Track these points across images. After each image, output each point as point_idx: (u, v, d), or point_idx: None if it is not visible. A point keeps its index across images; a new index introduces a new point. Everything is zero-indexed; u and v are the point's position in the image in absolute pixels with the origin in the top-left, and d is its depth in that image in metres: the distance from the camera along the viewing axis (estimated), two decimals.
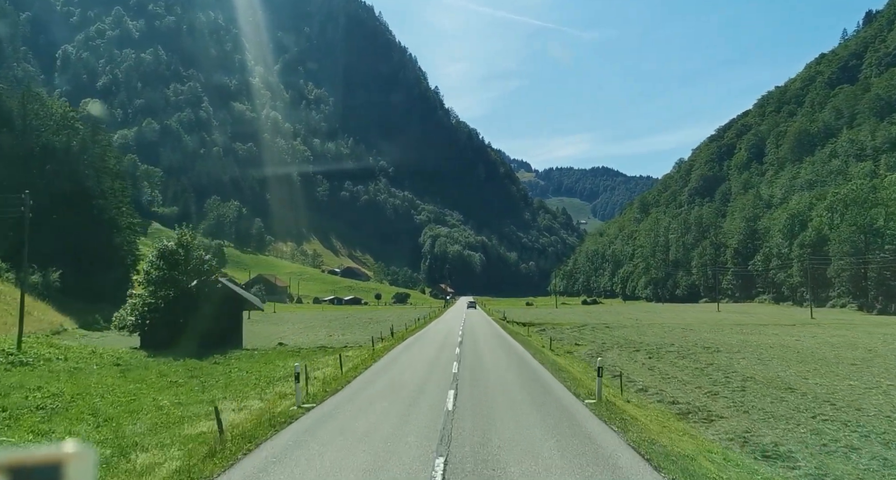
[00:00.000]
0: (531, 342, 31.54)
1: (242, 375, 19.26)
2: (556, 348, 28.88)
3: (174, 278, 25.01)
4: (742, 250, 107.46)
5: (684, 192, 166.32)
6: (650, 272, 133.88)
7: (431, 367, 19.70)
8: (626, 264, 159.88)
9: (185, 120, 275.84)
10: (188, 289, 25.19)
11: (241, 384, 17.52)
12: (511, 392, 14.63)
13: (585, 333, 43.81)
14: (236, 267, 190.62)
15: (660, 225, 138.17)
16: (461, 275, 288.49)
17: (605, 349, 30.06)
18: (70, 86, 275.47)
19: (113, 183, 65.57)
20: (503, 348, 26.76)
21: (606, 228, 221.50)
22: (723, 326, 50.47)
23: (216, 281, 27.74)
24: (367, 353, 24.91)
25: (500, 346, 27.48)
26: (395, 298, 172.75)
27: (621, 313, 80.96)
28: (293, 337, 42.08)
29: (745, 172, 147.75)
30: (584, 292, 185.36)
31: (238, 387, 16.70)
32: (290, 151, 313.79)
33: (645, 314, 74.76)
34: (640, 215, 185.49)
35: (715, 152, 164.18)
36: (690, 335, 40.35)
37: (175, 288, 24.82)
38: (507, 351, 25.31)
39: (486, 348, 26.43)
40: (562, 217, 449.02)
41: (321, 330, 51.16)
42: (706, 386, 18.03)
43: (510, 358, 22.70)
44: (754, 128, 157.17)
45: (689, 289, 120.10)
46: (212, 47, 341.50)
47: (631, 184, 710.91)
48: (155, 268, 25.12)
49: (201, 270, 26.51)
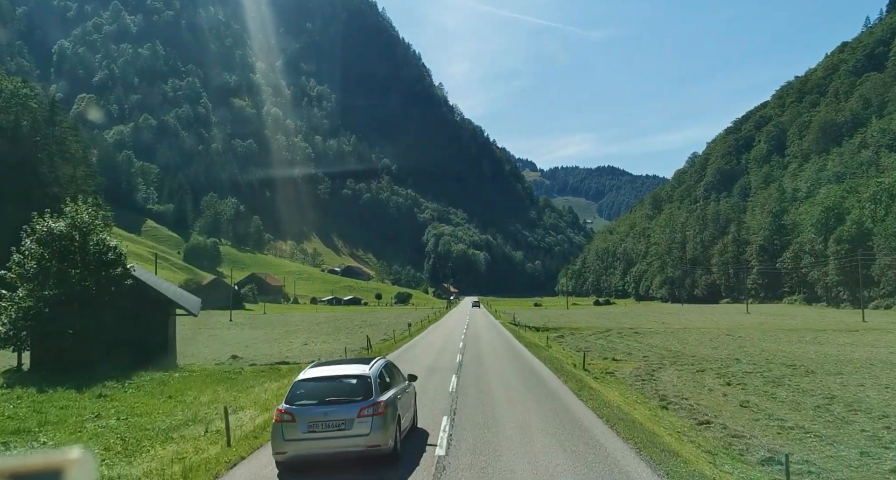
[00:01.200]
0: (554, 356, 24.17)
1: (111, 424, 11.98)
2: (590, 365, 21.45)
3: (63, 273, 17.87)
4: (768, 247, 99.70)
5: (699, 187, 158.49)
6: (666, 271, 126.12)
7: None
8: (639, 262, 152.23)
9: (183, 117, 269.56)
10: (83, 288, 18.04)
11: (93, 444, 10.20)
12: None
13: (614, 341, 36.33)
14: (233, 266, 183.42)
15: (676, 221, 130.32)
16: (465, 274, 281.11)
17: (654, 366, 22.60)
18: (66, 82, 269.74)
19: (75, 170, 58.46)
20: (521, 372, 19.06)
21: (616, 225, 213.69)
22: (772, 331, 42.89)
23: (123, 276, 20.48)
24: None
25: (518, 369, 19.67)
26: (397, 298, 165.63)
27: (641, 314, 73.41)
28: (259, 347, 34.74)
29: (765, 165, 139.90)
30: (594, 293, 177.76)
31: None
32: (290, 149, 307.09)
33: (669, 317, 67.20)
34: (653, 211, 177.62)
35: (732, 145, 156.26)
36: (745, 344, 32.82)
37: (64, 287, 17.67)
38: (529, 379, 17.54)
39: (496, 373, 18.96)
40: (568, 216, 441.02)
41: (300, 337, 43.83)
42: (878, 452, 10.58)
43: (535, 394, 15.00)
44: (774, 119, 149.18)
45: (708, 289, 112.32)
46: (211, 43, 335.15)
47: (637, 183, 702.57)
48: (34, 259, 17.97)
49: (104, 261, 19.36)
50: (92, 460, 0.97)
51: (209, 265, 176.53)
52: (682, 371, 20.81)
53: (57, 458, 0.94)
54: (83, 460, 0.95)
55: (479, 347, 29.59)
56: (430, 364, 21.01)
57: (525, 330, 44.61)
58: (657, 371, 21.04)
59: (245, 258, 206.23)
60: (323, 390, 9.17)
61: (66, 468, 0.93)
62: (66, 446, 1.39)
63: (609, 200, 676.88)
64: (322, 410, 8.68)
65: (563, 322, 55.72)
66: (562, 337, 39.65)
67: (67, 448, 0.96)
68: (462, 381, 17.09)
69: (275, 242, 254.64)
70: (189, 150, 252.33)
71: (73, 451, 0.96)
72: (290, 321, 66.16)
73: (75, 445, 1.17)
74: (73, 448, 0.97)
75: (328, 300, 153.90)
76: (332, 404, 8.81)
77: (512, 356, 23.86)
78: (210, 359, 27.94)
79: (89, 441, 10.65)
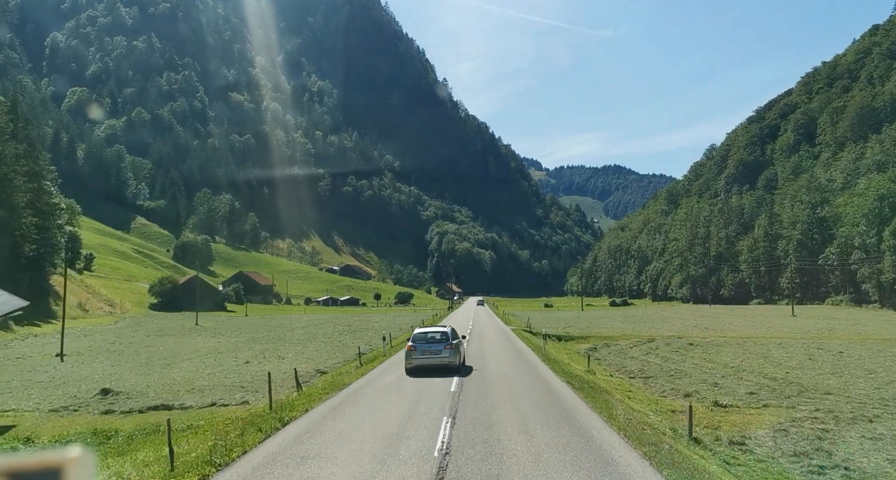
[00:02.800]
0: (599, 385, 14.54)
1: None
2: (700, 421, 11.66)
3: None
4: (807, 242, 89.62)
5: (720, 179, 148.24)
6: (688, 269, 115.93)
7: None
8: (655, 260, 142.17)
9: (179, 111, 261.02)
10: None
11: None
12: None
13: (672, 359, 26.52)
14: (226, 265, 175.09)
15: (698, 216, 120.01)
16: (470, 274, 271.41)
17: (805, 422, 12.76)
18: (58, 75, 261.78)
19: (3, 147, 49.04)
20: (569, 451, 9.28)
21: (629, 222, 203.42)
22: (867, 343, 32.98)
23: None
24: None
25: (563, 447, 9.54)
26: (398, 298, 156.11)
27: (672, 317, 63.53)
28: (174, 369, 25.02)
29: (793, 155, 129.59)
30: (606, 292, 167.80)
31: None
32: (290, 145, 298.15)
33: (706, 320, 57.37)
34: (669, 206, 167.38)
35: (755, 135, 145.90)
36: (877, 368, 22.92)
37: None
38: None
39: (518, 445, 9.59)
40: (575, 214, 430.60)
41: (255, 348, 34.30)
42: None
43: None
44: (802, 107, 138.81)
45: (736, 288, 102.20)
46: (209, 37, 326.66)
47: (644, 182, 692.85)
48: None
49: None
50: (92, 459, 0.96)
51: (200, 264, 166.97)
52: (881, 442, 11.02)
53: (56, 457, 0.93)
54: (83, 459, 0.94)
55: (485, 369, 19.81)
56: (408, 407, 11.78)
57: (539, 337, 34.91)
58: (793, 426, 11.36)
59: (239, 257, 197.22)
60: (427, 336, 19.93)
61: (65, 467, 0.93)
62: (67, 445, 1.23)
63: (615, 199, 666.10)
64: (428, 345, 19.41)
65: (587, 328, 45.93)
66: (594, 351, 29.91)
67: (67, 446, 0.95)
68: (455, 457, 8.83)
69: (273, 240, 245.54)
70: (184, 145, 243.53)
71: (72, 450, 0.96)
72: (265, 325, 56.71)
73: (75, 444, 1.80)
74: (73, 446, 0.96)
75: (323, 300, 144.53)
76: (432, 343, 19.52)
77: (552, 411, 12.65)
78: (66, 396, 18.36)
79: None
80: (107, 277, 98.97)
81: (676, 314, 73.52)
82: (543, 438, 10.15)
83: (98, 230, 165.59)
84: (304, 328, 51.21)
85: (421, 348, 19.04)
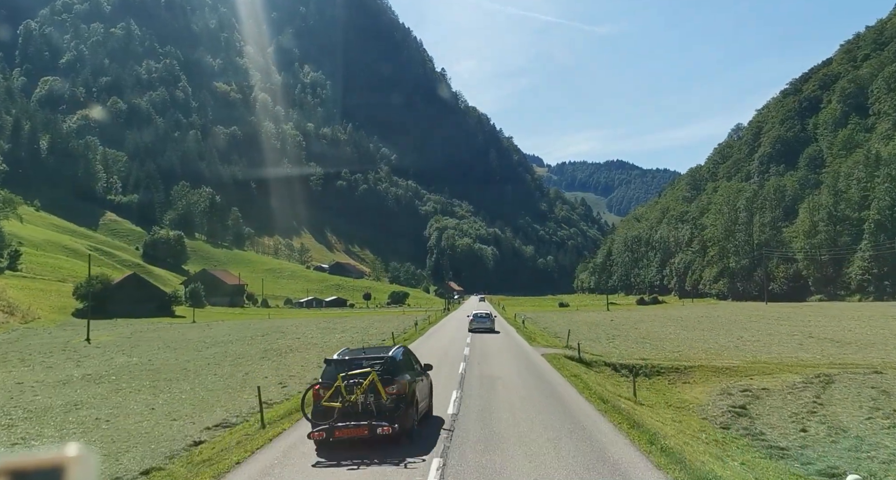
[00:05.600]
0: None
1: None
2: None
3: None
4: (886, 224, 72.60)
5: (753, 160, 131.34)
6: (727, 260, 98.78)
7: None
8: (682, 252, 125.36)
9: (158, 100, 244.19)
10: None
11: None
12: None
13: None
14: (203, 263, 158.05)
15: (737, 199, 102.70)
16: (471, 271, 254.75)
17: None
18: (31, 64, 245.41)
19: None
20: None
21: (645, 211, 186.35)
22: None
23: None
24: None
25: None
26: (391, 298, 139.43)
27: (745, 321, 46.75)
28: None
29: (841, 128, 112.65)
30: (623, 289, 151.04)
31: None
32: (280, 137, 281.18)
33: (808, 323, 40.73)
34: (692, 193, 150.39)
35: (793, 109, 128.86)
36: None
37: None
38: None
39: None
40: (581, 208, 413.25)
41: (81, 393, 17.30)
42: None
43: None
44: (848, 75, 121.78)
45: (790, 282, 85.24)
46: (194, 24, 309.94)
47: (648, 177, 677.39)
48: None
49: None
50: (92, 457, 0.95)
51: (173, 263, 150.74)
52: None
53: (57, 455, 0.92)
54: (84, 457, 0.93)
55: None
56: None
57: (604, 371, 18.07)
58: None
59: (219, 255, 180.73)
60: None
61: (66, 465, 0.91)
62: (67, 443, 1.07)
63: (619, 194, 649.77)
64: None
65: (654, 343, 29.18)
66: (744, 411, 12.98)
67: (67, 445, 0.93)
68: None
69: (260, 237, 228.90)
70: (163, 136, 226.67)
71: (73, 448, 0.94)
72: (184, 340, 40.07)
73: (75, 442, 1.14)
74: (73, 444, 0.95)
75: (307, 301, 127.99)
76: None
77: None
78: None
79: None
80: (35, 277, 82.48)
81: (743, 314, 56.69)
82: None
83: (55, 226, 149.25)
84: (224, 344, 34.59)
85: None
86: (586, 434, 10.34)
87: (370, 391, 9.48)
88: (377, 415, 9.35)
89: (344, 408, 9.40)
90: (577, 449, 9.33)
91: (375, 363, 9.95)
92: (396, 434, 9.28)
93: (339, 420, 9.33)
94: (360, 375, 9.64)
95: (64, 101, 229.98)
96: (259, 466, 9.12)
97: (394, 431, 9.19)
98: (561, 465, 8.45)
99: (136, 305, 71.41)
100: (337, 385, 9.51)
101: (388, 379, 9.68)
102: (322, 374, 10.59)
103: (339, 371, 9.79)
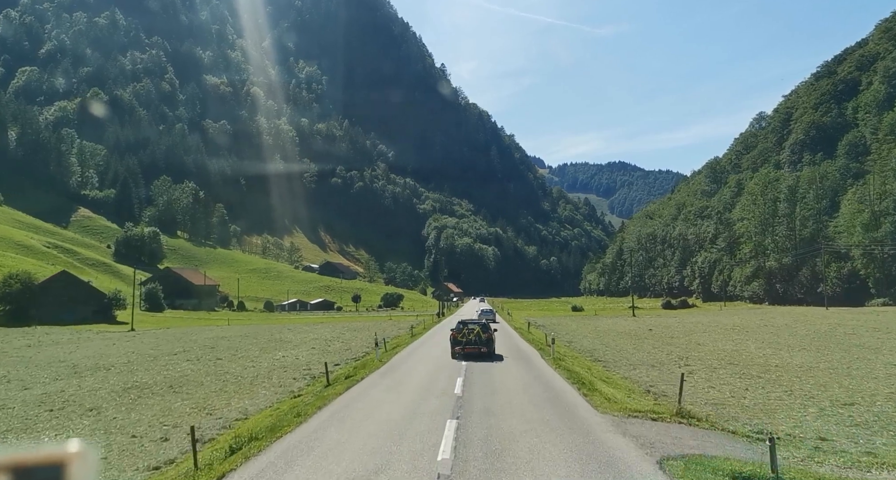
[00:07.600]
0: None
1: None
2: None
3: None
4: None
5: (783, 148, 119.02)
6: (767, 257, 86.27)
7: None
8: (704, 250, 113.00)
9: (143, 93, 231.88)
10: None
11: None
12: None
13: None
14: (183, 263, 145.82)
15: (776, 188, 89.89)
16: (472, 271, 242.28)
17: None
18: (9, 54, 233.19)
19: None
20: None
21: (658, 208, 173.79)
22: None
23: None
24: None
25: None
26: (384, 300, 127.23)
27: (839, 335, 34.50)
28: None
29: (886, 112, 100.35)
30: (637, 290, 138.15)
31: None
32: (272, 132, 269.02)
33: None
34: (712, 186, 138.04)
35: (828, 92, 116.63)
36: None
37: None
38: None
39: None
40: (585, 208, 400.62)
41: None
42: None
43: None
44: (888, 55, 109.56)
45: (844, 283, 72.89)
46: (182, 15, 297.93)
47: (650, 178, 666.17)
48: None
49: None
50: (93, 454, 0.95)
51: (147, 262, 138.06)
52: None
53: (58, 452, 0.92)
54: (84, 453, 0.93)
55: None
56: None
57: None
58: None
59: (201, 254, 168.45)
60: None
61: (67, 462, 0.91)
62: (68, 440, 1.05)
63: (621, 196, 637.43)
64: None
65: (770, 378, 16.85)
66: None
67: (68, 441, 0.93)
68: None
69: (248, 236, 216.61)
70: (147, 130, 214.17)
71: (73, 445, 0.94)
72: (58, 361, 27.48)
73: (76, 438, 1.74)
74: (74, 441, 0.95)
75: (289, 303, 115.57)
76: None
77: None
78: None
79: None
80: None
81: (823, 323, 44.29)
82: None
83: (18, 222, 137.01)
84: (103, 370, 22.02)
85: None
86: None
87: (476, 334, 22.81)
88: (479, 344, 22.58)
89: (466, 340, 22.70)
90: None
91: (477, 324, 23.75)
92: (487, 353, 22.80)
93: (466, 346, 22.56)
94: (471, 327, 23.16)
95: (42, 92, 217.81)
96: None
97: (487, 351, 22.83)
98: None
99: (67, 309, 59.00)
100: (463, 330, 22.91)
101: (484, 329, 23.23)
102: (455, 328, 23.50)
103: (463, 326, 23.19)
